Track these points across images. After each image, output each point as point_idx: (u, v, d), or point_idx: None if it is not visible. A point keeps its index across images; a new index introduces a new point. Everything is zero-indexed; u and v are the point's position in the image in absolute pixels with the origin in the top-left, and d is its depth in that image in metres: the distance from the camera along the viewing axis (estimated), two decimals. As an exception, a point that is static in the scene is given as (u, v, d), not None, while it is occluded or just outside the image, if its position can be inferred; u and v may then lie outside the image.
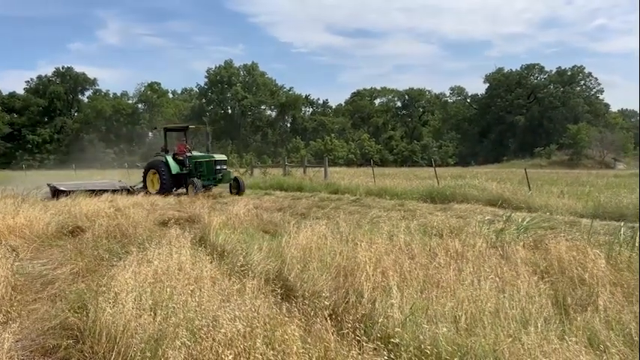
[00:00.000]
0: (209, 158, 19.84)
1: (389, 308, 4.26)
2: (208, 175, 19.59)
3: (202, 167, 19.78)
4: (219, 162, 19.83)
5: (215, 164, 19.57)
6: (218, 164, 19.67)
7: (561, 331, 3.90)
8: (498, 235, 7.10)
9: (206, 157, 19.98)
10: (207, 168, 19.67)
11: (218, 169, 19.59)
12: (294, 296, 4.76)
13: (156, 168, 20.08)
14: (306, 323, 3.87)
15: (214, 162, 19.63)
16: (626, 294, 4.71)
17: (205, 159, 19.91)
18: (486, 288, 4.75)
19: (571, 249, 6.03)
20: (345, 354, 3.23)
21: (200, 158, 20.05)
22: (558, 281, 5.31)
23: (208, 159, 19.83)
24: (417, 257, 6.18)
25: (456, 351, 3.48)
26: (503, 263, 5.77)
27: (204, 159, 19.92)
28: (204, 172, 19.64)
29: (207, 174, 19.61)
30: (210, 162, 19.68)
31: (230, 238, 7.72)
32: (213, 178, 19.58)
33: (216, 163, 19.59)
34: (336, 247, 6.54)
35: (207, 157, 19.96)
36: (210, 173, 19.59)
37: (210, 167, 19.62)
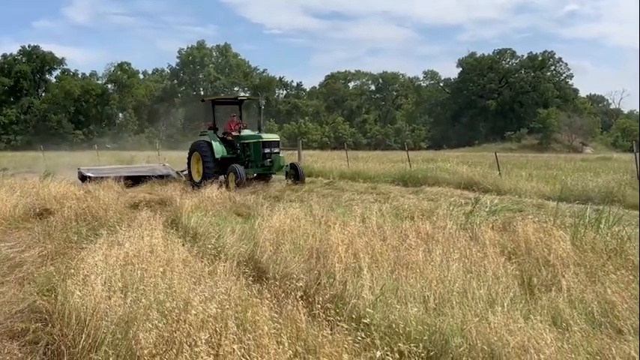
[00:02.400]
0: (256, 139, 15.79)
1: (360, 289, 4.33)
2: (256, 160, 15.69)
3: (250, 150, 15.83)
4: (268, 144, 15.59)
5: (263, 146, 15.46)
6: (266, 146, 15.50)
7: (527, 310, 4.02)
8: (468, 218, 7.22)
9: (254, 137, 15.94)
10: (254, 151, 15.70)
11: (267, 152, 15.47)
12: (266, 278, 4.78)
13: (199, 150, 16.27)
14: (278, 305, 3.90)
15: (262, 144, 15.51)
16: (589, 274, 4.86)
17: (252, 140, 15.86)
18: (455, 269, 4.86)
19: (538, 231, 6.18)
20: (315, 334, 3.27)
21: (248, 138, 16.03)
22: (525, 262, 5.44)
23: (255, 140, 15.78)
24: (389, 239, 6.26)
25: (425, 330, 3.56)
26: (472, 245, 5.88)
27: (252, 139, 15.88)
28: (252, 156, 15.77)
29: (255, 159, 15.75)
30: (257, 143, 15.64)
31: (202, 220, 7.70)
32: (261, 165, 15.61)
33: (264, 146, 15.47)
34: (309, 229, 6.58)
35: (255, 137, 15.93)
36: (258, 158, 15.61)
37: (258, 150, 15.56)
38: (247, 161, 15.83)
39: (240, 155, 16.07)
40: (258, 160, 15.60)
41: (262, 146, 15.49)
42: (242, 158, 15.97)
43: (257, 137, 15.81)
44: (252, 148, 15.78)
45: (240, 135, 16.32)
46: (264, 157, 15.51)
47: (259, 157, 15.58)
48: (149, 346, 3.14)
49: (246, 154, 15.98)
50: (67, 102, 71.11)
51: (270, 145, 15.62)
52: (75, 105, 71.49)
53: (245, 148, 16.01)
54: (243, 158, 15.96)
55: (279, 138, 16.32)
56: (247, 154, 15.93)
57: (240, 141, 16.11)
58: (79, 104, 71.75)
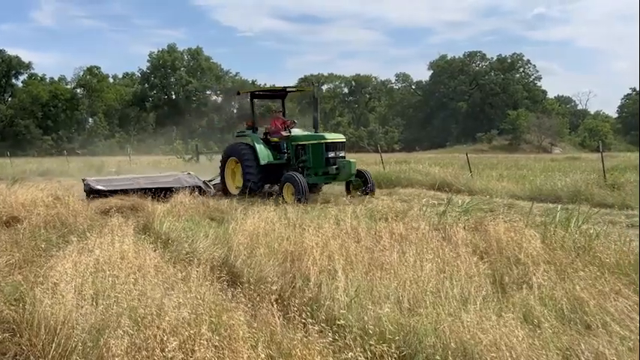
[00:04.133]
0: (317, 139, 12.61)
1: (335, 291, 4.34)
2: (316, 166, 12.49)
3: (307, 154, 12.63)
4: (333, 146, 12.46)
5: (326, 149, 12.34)
6: (331, 149, 12.38)
7: (499, 308, 4.07)
8: (440, 218, 7.30)
9: (312, 138, 12.78)
10: (314, 155, 12.50)
11: (331, 157, 12.33)
12: (240, 282, 4.75)
13: (237, 155, 13.30)
14: (253, 309, 3.89)
15: (325, 146, 12.35)
16: (559, 271, 4.97)
17: (311, 141, 12.69)
18: (428, 269, 4.90)
19: (509, 230, 6.29)
20: (291, 337, 3.26)
21: (303, 139, 12.90)
22: (496, 261, 5.53)
23: (316, 140, 12.59)
24: (363, 241, 6.29)
25: (399, 330, 3.58)
26: (445, 245, 5.95)
27: (310, 140, 12.72)
28: (310, 161, 12.56)
29: (315, 165, 12.52)
30: (318, 145, 12.45)
31: (174, 226, 7.62)
32: (323, 173, 12.47)
33: (327, 148, 12.35)
34: (284, 232, 6.57)
35: (313, 138, 12.76)
36: (319, 164, 12.42)
37: (320, 154, 12.41)
38: (302, 168, 12.68)
39: (291, 160, 13.03)
40: (320, 166, 12.44)
41: (325, 149, 12.33)
42: (294, 164, 12.90)
43: (318, 138, 12.65)
44: (310, 151, 12.56)
45: (293, 135, 13.18)
46: (328, 162, 12.34)
47: (321, 163, 12.41)
48: (120, 354, 3.09)
49: (300, 158, 12.81)
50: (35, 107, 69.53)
51: (335, 148, 12.45)
52: (43, 110, 69.94)
53: (299, 152, 12.86)
54: (295, 164, 12.88)
55: (345, 139, 13.07)
56: (302, 158, 12.73)
57: (293, 143, 13.00)
58: (47, 109, 70.21)
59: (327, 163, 12.37)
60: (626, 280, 4.62)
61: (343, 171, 12.27)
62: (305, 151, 12.74)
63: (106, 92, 74.47)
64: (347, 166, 12.26)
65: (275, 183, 13.30)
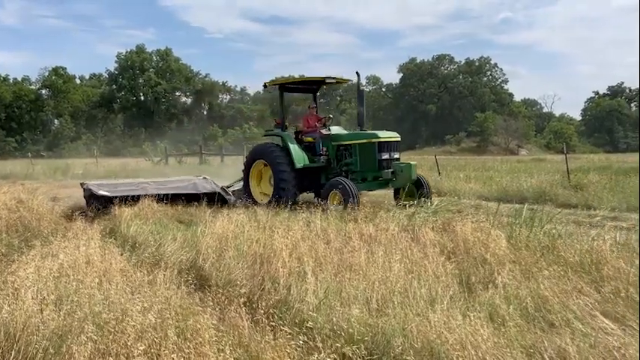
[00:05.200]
0: (366, 138, 10.91)
1: (304, 293, 4.33)
2: (366, 170, 10.92)
3: (354, 156, 11.08)
4: (387, 145, 10.84)
5: (379, 149, 10.72)
6: (384, 150, 10.78)
7: (465, 308, 4.13)
8: (409, 219, 7.36)
9: (360, 137, 11.07)
10: (363, 157, 10.94)
11: (385, 159, 10.75)
12: (208, 286, 4.70)
13: (266, 157, 11.57)
14: (221, 312, 3.85)
15: (377, 146, 10.72)
16: (524, 271, 5.05)
17: (358, 140, 11.03)
18: (397, 269, 4.94)
19: (476, 230, 6.38)
20: (258, 340, 3.24)
21: (348, 139, 11.32)
22: (463, 261, 5.60)
23: (366, 140, 10.89)
24: (333, 242, 6.31)
25: (367, 331, 3.60)
26: (413, 245, 6.00)
27: (357, 140, 11.06)
28: (358, 164, 10.98)
29: (364, 168, 10.95)
30: (369, 145, 10.82)
31: (142, 229, 7.51)
32: (374, 178, 10.90)
33: (380, 149, 10.73)
34: (253, 235, 6.54)
35: (361, 137, 11.04)
36: (370, 167, 10.83)
37: (371, 156, 10.78)
38: (345, 172, 11.11)
39: (331, 163, 11.47)
40: (370, 169, 10.82)
41: (378, 149, 10.68)
42: (334, 168, 11.39)
43: (368, 136, 10.91)
44: (357, 152, 10.98)
45: (334, 134, 11.63)
46: (381, 165, 10.71)
47: (372, 166, 10.77)
48: (84, 360, 3.03)
49: (342, 161, 11.29)
50: (-2, 108, 67.66)
51: (389, 148, 10.82)
52: (6, 111, 68.01)
53: (342, 154, 11.32)
54: (336, 168, 11.36)
55: (399, 137, 11.20)
56: (347, 161, 11.19)
57: (334, 143, 11.45)
58: (11, 110, 68.30)
59: (379, 167, 10.72)
60: (588, 279, 4.73)
61: (400, 175, 10.52)
62: (350, 152, 11.15)
63: (72, 93, 72.87)
64: (406, 169, 10.50)
65: (309, 190, 11.83)
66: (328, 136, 11.63)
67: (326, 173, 11.49)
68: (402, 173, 10.52)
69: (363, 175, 10.95)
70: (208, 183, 11.94)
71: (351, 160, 11.15)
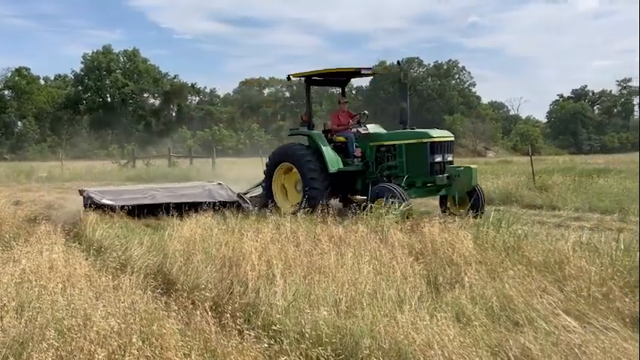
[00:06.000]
0: (415, 138, 9.59)
1: (273, 296, 4.31)
2: (415, 174, 9.50)
3: (399, 158, 9.74)
4: (440, 146, 9.48)
5: (431, 151, 9.34)
6: (438, 151, 9.41)
7: (433, 308, 4.17)
8: (378, 221, 7.41)
9: (407, 136, 9.74)
10: (410, 160, 9.58)
11: (438, 162, 9.39)
12: (175, 290, 4.64)
13: (294, 160, 10.28)
14: (187, 316, 3.80)
15: (430, 146, 9.35)
16: (490, 271, 5.13)
17: (405, 139, 9.69)
18: (366, 271, 4.96)
19: (443, 231, 6.46)
20: (225, 344, 3.21)
21: (391, 138, 10.05)
22: (431, 262, 5.66)
23: (415, 139, 9.55)
24: (302, 244, 6.30)
25: (335, 333, 3.60)
26: (382, 247, 6.04)
27: (404, 139, 9.72)
28: (404, 168, 9.61)
29: (412, 173, 9.52)
30: (418, 146, 9.47)
31: (108, 233, 7.37)
32: (425, 184, 9.56)
33: (433, 150, 9.35)
34: (222, 238, 6.49)
35: (409, 136, 9.71)
36: (420, 171, 9.46)
37: (421, 158, 9.41)
38: (387, 177, 9.80)
39: (369, 167, 10.16)
40: (419, 174, 9.43)
41: (430, 150, 9.29)
42: (373, 172, 10.07)
43: (417, 136, 9.56)
44: (403, 154, 9.61)
45: (373, 133, 10.36)
46: (433, 169, 9.31)
47: (422, 170, 9.37)
48: (45, 368, 2.95)
49: (383, 164, 9.96)
50: (-42, 109, 65.61)
51: (443, 149, 9.43)
52: (-33, 113, 66.08)
53: (383, 155, 9.99)
54: (375, 172, 10.04)
55: (453, 136, 9.91)
56: (390, 164, 9.87)
57: (372, 143, 10.14)
58: (-28, 112, 66.39)
59: (431, 171, 9.28)
60: (552, 278, 4.84)
61: (457, 181, 9.13)
62: (393, 154, 9.80)
63: (36, 94, 71.10)
64: (464, 174, 9.11)
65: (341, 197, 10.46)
66: (366, 136, 10.24)
67: (362, 178, 10.13)
68: (460, 178, 9.10)
69: (409, 181, 9.42)
70: (224, 189, 10.92)
71: (394, 163, 9.78)
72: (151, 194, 10.24)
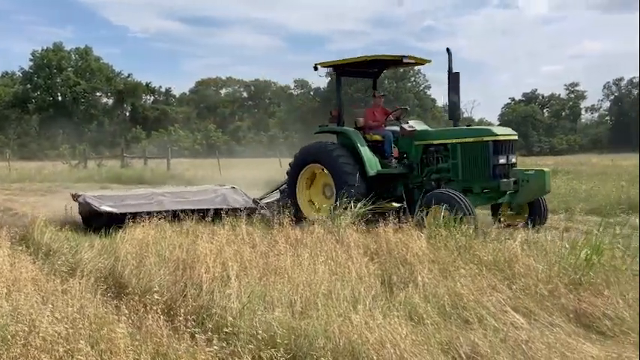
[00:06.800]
0: (476, 136, 8.36)
1: (227, 298, 4.28)
2: (472, 178, 8.31)
3: (452, 159, 8.51)
4: (506, 146, 8.25)
5: (495, 151, 8.08)
6: (502, 152, 8.15)
7: (387, 307, 4.23)
8: (335, 221, 7.44)
9: (464, 134, 8.52)
10: (466, 161, 8.35)
11: (501, 163, 8.12)
12: (126, 293, 4.54)
13: (325, 160, 9.15)
14: (139, 320, 3.73)
15: (492, 146, 8.10)
16: (442, 270, 5.24)
17: (461, 138, 8.45)
18: (321, 272, 4.98)
19: (398, 231, 6.57)
20: (177, 347, 3.17)
21: (442, 137, 8.83)
22: (386, 261, 5.75)
23: (474, 138, 8.33)
24: (259, 246, 6.28)
25: (290, 334, 3.60)
26: (338, 247, 6.08)
27: (460, 137, 8.47)
28: (458, 171, 8.40)
29: (468, 176, 8.33)
30: (478, 145, 8.22)
31: (57, 235, 7.13)
32: (485, 189, 8.35)
33: (496, 150, 8.09)
34: (176, 240, 6.40)
35: (467, 134, 8.50)
36: (479, 175, 8.22)
37: (481, 160, 8.19)
38: (436, 181, 8.69)
39: (414, 170, 8.98)
40: (478, 178, 8.23)
41: (493, 151, 8.07)
42: (417, 176, 8.92)
43: (478, 133, 8.41)
44: (458, 154, 8.40)
45: (420, 131, 9.12)
46: (496, 173, 8.07)
47: (482, 174, 8.16)
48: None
49: (432, 166, 8.81)
50: None
51: (506, 150, 8.20)
52: None
53: (432, 156, 8.82)
54: (419, 176, 8.89)
55: (517, 135, 8.66)
56: (440, 166, 8.70)
57: (418, 142, 8.92)
58: None
59: (493, 175, 8.04)
60: (501, 276, 4.99)
61: (526, 187, 7.86)
62: (445, 154, 8.61)
63: (-19, 92, 68.26)
64: (536, 178, 7.92)
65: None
66: (411, 134, 8.94)
67: (403, 182, 9.00)
68: (529, 184, 7.86)
69: (465, 186, 8.21)
70: (239, 194, 9.88)
71: (446, 165, 8.55)
72: (158, 200, 9.23)
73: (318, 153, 9.35)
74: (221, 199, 9.55)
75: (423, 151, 8.92)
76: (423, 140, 8.93)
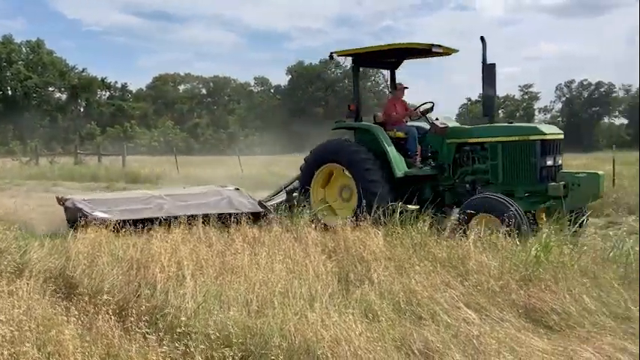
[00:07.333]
0: (522, 134, 7.57)
1: (182, 298, 4.23)
2: (515, 182, 7.52)
3: (492, 159, 7.71)
4: (553, 146, 7.57)
5: (542, 151, 7.36)
6: (549, 153, 7.46)
7: (343, 305, 4.26)
8: (293, 220, 7.45)
9: (507, 132, 7.75)
10: (507, 162, 7.58)
11: (548, 165, 7.43)
12: (77, 294, 4.42)
13: (346, 160, 8.31)
14: (90, 321, 3.64)
15: (540, 145, 7.35)
16: (398, 267, 5.32)
17: (504, 136, 7.67)
18: (278, 270, 4.98)
19: (355, 229, 6.62)
20: (128, 348, 3.11)
21: (480, 134, 7.94)
22: (344, 259, 5.79)
23: (518, 136, 7.56)
24: (215, 245, 6.23)
25: (245, 333, 3.59)
26: (296, 245, 6.09)
27: (501, 136, 7.69)
28: (499, 173, 7.61)
29: (509, 179, 7.56)
30: (524, 145, 7.46)
31: (5, 235, 6.86)
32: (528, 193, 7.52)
33: (544, 150, 7.39)
34: (130, 239, 6.28)
35: (510, 132, 7.73)
36: (524, 178, 7.47)
37: (526, 161, 7.42)
38: (470, 183, 7.96)
39: (445, 171, 8.23)
40: (522, 181, 7.48)
41: (541, 151, 7.36)
42: (449, 177, 8.19)
43: (524, 131, 7.64)
44: (499, 155, 7.62)
45: (454, 128, 8.36)
46: (542, 175, 7.37)
47: (528, 176, 7.43)
48: None
49: (467, 167, 8.05)
50: None
51: (553, 150, 7.52)
52: None
53: (467, 156, 8.05)
54: (451, 178, 8.17)
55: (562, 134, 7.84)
56: (476, 167, 7.96)
57: (451, 140, 8.13)
58: None
59: (540, 178, 7.34)
60: (455, 273, 5.09)
61: (577, 191, 7.05)
62: (482, 154, 7.88)
63: None
64: (588, 182, 7.11)
65: None
66: (443, 131, 8.12)
67: (431, 185, 8.30)
68: (581, 188, 7.05)
69: (505, 189, 7.38)
70: (244, 197, 9.04)
71: (483, 167, 7.83)
72: (157, 204, 8.27)
73: (338, 152, 8.49)
74: (226, 202, 8.73)
75: (456, 150, 8.12)
76: (457, 138, 8.12)
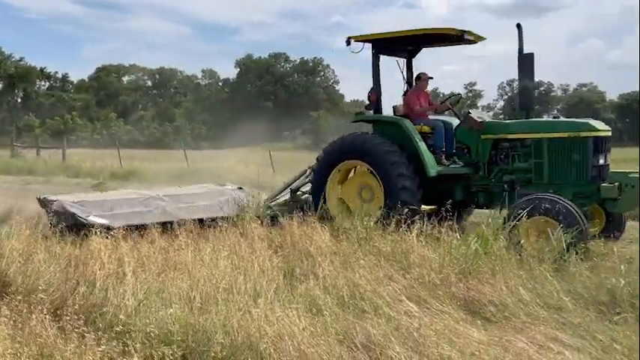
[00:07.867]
0: (571, 131, 6.87)
1: (122, 295, 4.13)
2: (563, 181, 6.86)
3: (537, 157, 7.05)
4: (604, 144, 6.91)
5: (595, 149, 6.73)
6: (601, 151, 6.81)
7: (288, 300, 4.27)
8: (238, 215, 7.39)
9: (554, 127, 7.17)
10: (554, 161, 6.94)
11: (600, 164, 6.79)
12: (10, 293, 4.24)
13: (371, 157, 7.51)
14: (23, 321, 3.50)
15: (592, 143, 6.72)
16: (343, 262, 5.37)
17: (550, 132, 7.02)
18: (223, 266, 4.94)
19: (302, 224, 6.63)
20: (63, 348, 3.00)
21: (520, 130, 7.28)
22: (290, 254, 5.79)
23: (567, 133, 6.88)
24: (158, 241, 6.10)
25: (187, 330, 3.54)
26: (242, 241, 6.04)
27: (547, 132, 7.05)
28: (545, 172, 6.96)
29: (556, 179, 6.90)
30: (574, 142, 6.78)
31: None
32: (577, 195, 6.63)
33: (597, 147, 6.75)
34: (68, 235, 6.07)
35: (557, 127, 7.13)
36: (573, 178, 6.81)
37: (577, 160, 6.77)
38: (508, 183, 7.30)
39: (479, 170, 7.56)
40: (571, 182, 6.85)
41: (593, 148, 6.77)
42: (483, 177, 7.53)
43: (574, 127, 6.95)
44: (545, 152, 7.01)
45: (491, 122, 7.74)
46: (593, 175, 6.80)
47: (578, 176, 6.82)
48: None
49: (506, 166, 7.39)
50: None
51: (604, 147, 6.92)
52: None
53: (506, 154, 7.40)
54: (486, 177, 7.52)
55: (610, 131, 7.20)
56: (517, 166, 7.30)
57: (486, 136, 7.45)
58: None
59: (592, 178, 6.78)
60: (398, 266, 5.20)
61: (630, 193, 6.60)
62: (524, 152, 7.24)
63: None
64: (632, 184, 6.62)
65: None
66: (480, 126, 7.45)
67: (463, 184, 7.65)
68: (635, 190, 6.57)
69: (550, 190, 6.71)
70: (247, 196, 8.43)
71: (525, 165, 7.21)
72: (157, 206, 7.55)
73: (361, 147, 7.64)
74: (233, 203, 8.10)
75: (493, 146, 7.45)
76: (494, 134, 7.44)
